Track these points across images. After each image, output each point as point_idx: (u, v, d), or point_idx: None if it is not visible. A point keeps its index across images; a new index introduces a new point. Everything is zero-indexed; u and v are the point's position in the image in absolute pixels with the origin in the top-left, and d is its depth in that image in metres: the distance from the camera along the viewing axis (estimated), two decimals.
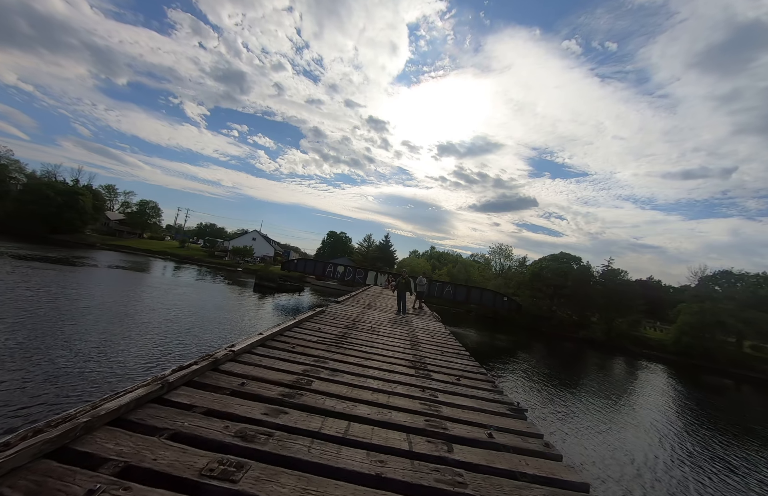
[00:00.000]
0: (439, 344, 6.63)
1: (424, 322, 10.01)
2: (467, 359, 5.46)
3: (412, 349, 5.64)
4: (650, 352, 38.16)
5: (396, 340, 6.20)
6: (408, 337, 6.76)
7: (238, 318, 16.87)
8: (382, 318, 9.17)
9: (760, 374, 34.12)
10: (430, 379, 3.76)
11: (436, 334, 7.99)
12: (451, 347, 6.43)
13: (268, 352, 3.67)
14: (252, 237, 78.96)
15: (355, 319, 7.89)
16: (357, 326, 6.85)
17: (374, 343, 5.50)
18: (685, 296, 46.08)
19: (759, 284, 39.29)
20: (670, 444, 10.41)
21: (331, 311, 8.43)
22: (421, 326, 9.02)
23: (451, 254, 77.67)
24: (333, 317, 7.38)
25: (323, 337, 5.13)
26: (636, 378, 23.52)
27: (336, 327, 6.30)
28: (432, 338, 7.20)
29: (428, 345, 6.26)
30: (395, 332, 7.14)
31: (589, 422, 10.90)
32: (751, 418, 17.25)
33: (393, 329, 7.52)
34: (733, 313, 34.94)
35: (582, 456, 8.13)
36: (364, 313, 9.46)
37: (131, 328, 11.43)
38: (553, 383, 15.71)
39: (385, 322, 8.45)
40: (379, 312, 10.48)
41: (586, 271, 45.60)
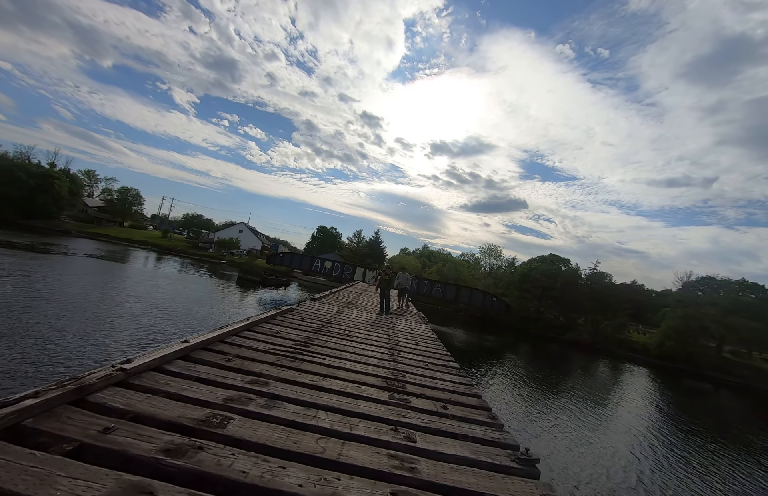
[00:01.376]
0: (424, 352, 5.74)
1: (408, 324, 9.13)
2: (457, 375, 4.59)
3: (390, 360, 4.73)
4: (634, 355, 38.51)
5: (372, 348, 5.28)
6: (387, 344, 5.84)
7: (209, 313, 15.69)
8: (361, 319, 8.24)
9: (740, 379, 34.75)
10: (408, 409, 2.85)
11: (422, 339, 7.12)
12: (437, 357, 5.55)
13: (188, 368, 2.70)
14: (239, 229, 76.89)
15: (328, 320, 6.93)
16: (328, 329, 5.90)
17: (343, 353, 4.57)
18: (669, 300, 46.79)
19: (740, 290, 40.02)
20: (646, 447, 10.41)
21: (302, 309, 7.45)
22: (404, 328, 8.14)
23: (442, 253, 77.28)
24: (301, 318, 6.40)
25: (278, 345, 4.16)
26: (619, 381, 23.53)
27: (301, 331, 5.34)
28: (416, 344, 6.31)
29: (410, 354, 5.36)
30: (373, 337, 6.22)
31: (576, 434, 10.26)
32: (731, 423, 17.55)
33: (371, 333, 6.59)
34: (716, 318, 35.45)
35: (567, 470, 7.46)
36: (341, 312, 8.52)
37: (71, 321, 10.17)
38: (539, 387, 15.19)
39: (364, 324, 7.53)
40: (359, 312, 9.54)
41: (575, 273, 45.72)
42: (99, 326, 10.24)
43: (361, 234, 64.68)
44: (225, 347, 3.49)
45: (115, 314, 12.06)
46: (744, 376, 35.10)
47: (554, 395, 14.53)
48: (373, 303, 12.18)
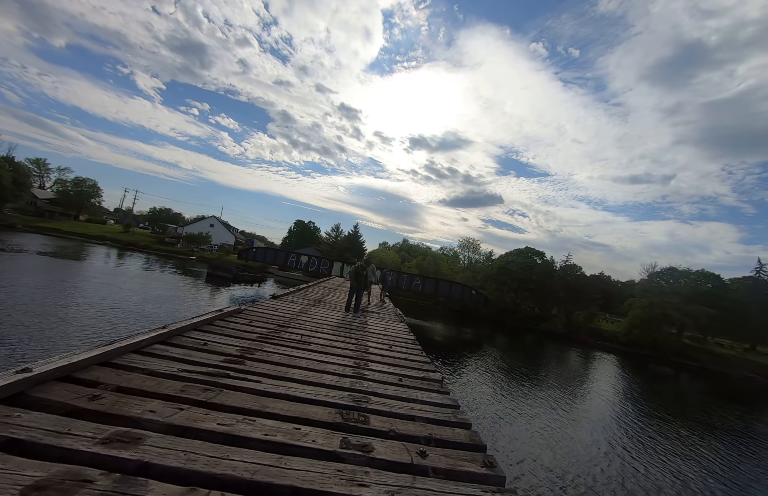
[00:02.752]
0: (398, 361, 4.85)
1: (383, 323, 8.24)
2: (438, 393, 3.72)
3: (353, 377, 3.79)
4: (604, 343, 40.12)
5: (332, 359, 4.32)
6: (354, 352, 4.90)
7: (165, 312, 14.07)
8: (327, 320, 7.25)
9: (697, 363, 37.07)
10: (368, 464, 1.92)
11: (397, 343, 6.24)
12: (414, 367, 4.69)
13: (10, 419, 1.63)
14: (209, 223, 73.06)
15: (284, 323, 5.89)
16: (279, 336, 4.87)
17: (291, 370, 3.58)
18: (635, 290, 49.17)
19: (699, 280, 42.57)
20: (613, 433, 10.69)
21: (254, 310, 6.35)
22: (377, 329, 7.22)
23: (421, 247, 77.26)
24: (249, 322, 5.32)
25: (196, 364, 3.10)
26: (590, 369, 24.26)
27: (241, 340, 4.28)
28: (389, 350, 5.40)
29: (381, 365, 4.46)
30: (337, 343, 5.25)
31: (550, 425, 9.98)
32: (689, 404, 18.85)
33: (335, 337, 5.62)
34: (677, 306, 37.47)
35: (536, 462, 6.95)
36: (304, 312, 7.48)
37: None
38: (514, 379, 14.99)
39: (329, 326, 6.54)
40: (326, 310, 8.54)
41: (550, 266, 46.89)
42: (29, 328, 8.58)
43: (339, 228, 63.20)
44: (103, 374, 2.40)
45: (36, 311, 10.31)
46: (701, 360, 37.49)
47: (529, 387, 14.42)
48: (345, 300, 11.21)
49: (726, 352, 39.91)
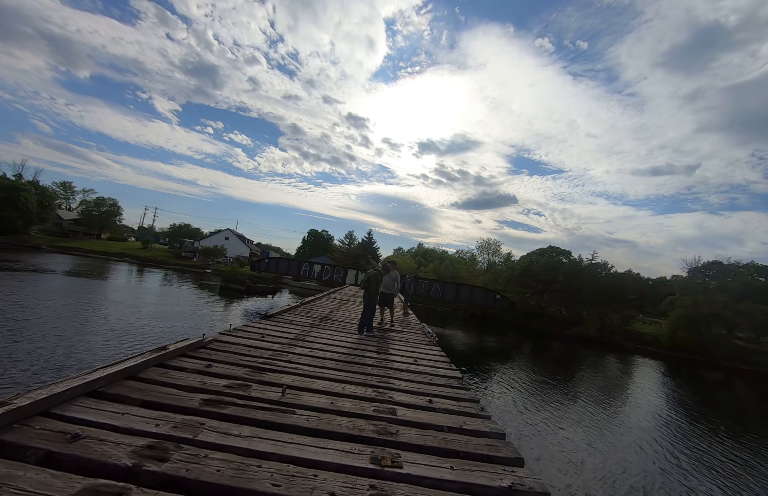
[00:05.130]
0: (443, 425, 3.30)
1: (407, 349, 6.68)
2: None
3: (370, 486, 2.21)
4: (645, 347, 36.64)
5: (330, 445, 2.79)
6: (370, 415, 3.32)
7: (159, 331, 13.02)
8: (331, 349, 5.75)
9: (753, 366, 33.13)
10: None
11: (434, 385, 4.68)
12: (472, 437, 3.12)
13: None
14: (225, 236, 73.86)
15: (264, 361, 4.39)
16: (245, 394, 3.31)
17: (248, 478, 2.07)
18: (673, 287, 45.21)
19: (750, 273, 38.51)
20: (657, 445, 9.67)
21: (229, 340, 4.92)
22: (401, 362, 5.66)
23: (437, 251, 75.08)
24: (207, 365, 3.85)
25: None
26: (633, 377, 21.77)
27: (170, 411, 2.81)
28: (427, 405, 3.82)
29: (417, 445, 2.90)
30: (341, 401, 3.65)
31: (592, 444, 8.20)
32: (747, 412, 16.50)
33: (340, 387, 4.08)
34: (728, 304, 33.77)
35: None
36: (301, 339, 6.03)
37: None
38: (551, 393, 13.02)
39: (332, 361, 5.03)
40: (333, 333, 7.05)
41: (578, 265, 43.86)
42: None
43: (352, 235, 62.19)
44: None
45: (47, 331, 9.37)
46: (757, 363, 33.50)
47: (569, 402, 12.66)
48: (359, 314, 9.72)
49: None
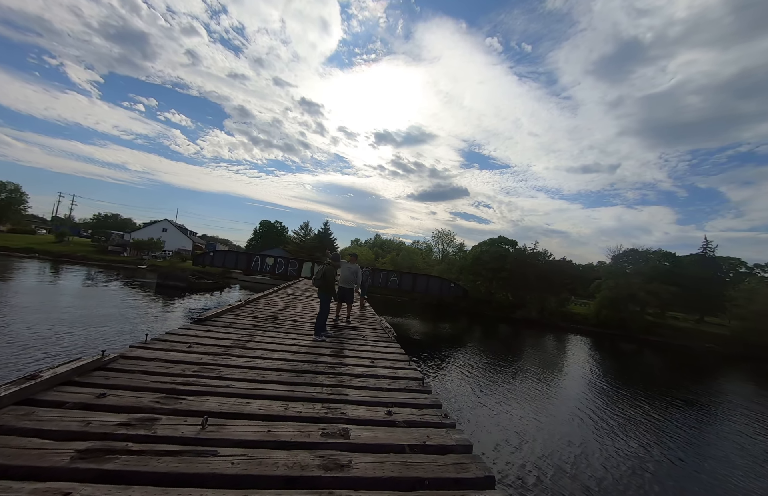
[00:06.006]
0: (417, 466, 2.85)
1: (365, 348, 6.20)
2: None
3: None
4: (576, 326, 41.07)
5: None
6: (315, 455, 2.78)
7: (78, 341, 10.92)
8: (277, 358, 5.08)
9: (661, 338, 39.03)
10: None
11: (399, 401, 4.25)
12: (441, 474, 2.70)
13: None
14: (162, 228, 66.41)
15: (185, 381, 3.60)
16: (149, 431, 2.58)
17: None
18: (599, 272, 51.25)
19: (658, 259, 44.92)
20: (584, 409, 11.20)
21: (140, 355, 3.95)
22: (358, 367, 5.18)
23: (394, 242, 75.82)
24: (100, 394, 2.95)
25: None
26: (564, 351, 24.72)
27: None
28: (388, 420, 3.39)
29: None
30: (283, 426, 3.09)
31: (530, 412, 9.42)
32: (654, 377, 19.97)
33: (283, 408, 3.48)
34: (641, 286, 39.13)
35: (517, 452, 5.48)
36: (241, 345, 5.24)
37: None
38: (495, 371, 14.06)
39: (277, 374, 4.39)
40: (281, 336, 6.32)
41: (522, 254, 47.30)
42: None
43: (308, 226, 59.84)
44: None
45: None
46: (663, 334, 39.53)
47: (508, 376, 13.94)
48: (313, 311, 9.00)
49: (682, 325, 42.51)
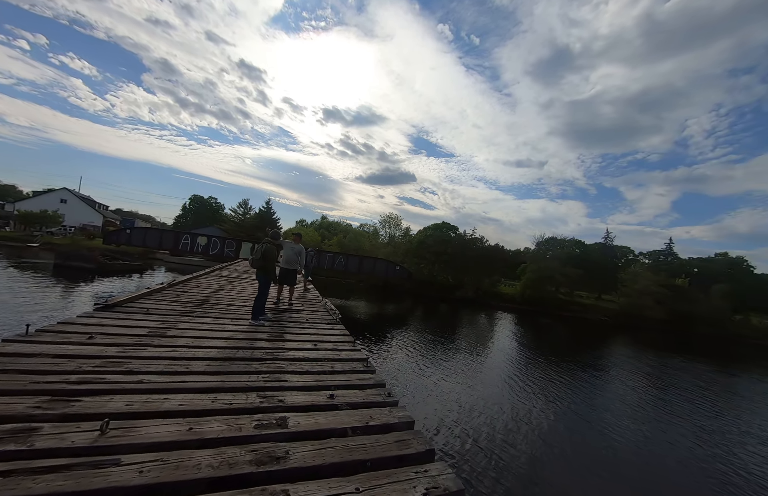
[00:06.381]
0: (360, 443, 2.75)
1: (308, 331, 5.95)
2: None
3: None
4: (505, 304, 45.93)
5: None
6: (248, 449, 2.53)
7: None
8: (207, 340, 4.61)
9: (571, 313, 45.78)
10: None
11: (342, 386, 4.11)
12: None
13: None
14: (60, 198, 55.55)
15: (81, 380, 3.03)
16: (27, 439, 2.09)
17: None
18: (525, 257, 57.60)
19: (570, 246, 52.03)
20: (507, 376, 12.72)
21: (35, 347, 3.19)
22: (299, 350, 4.94)
23: (342, 224, 74.74)
24: None
25: None
26: (494, 327, 27.63)
27: None
28: (334, 416, 3.25)
29: (319, 486, 2.27)
30: (204, 429, 2.79)
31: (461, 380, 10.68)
32: (563, 344, 23.14)
33: (211, 400, 3.15)
34: (558, 269, 45.09)
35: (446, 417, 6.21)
36: (160, 333, 4.64)
37: None
38: (432, 345, 15.49)
39: (204, 359, 3.97)
40: (210, 321, 5.75)
41: (462, 239, 50.60)
42: None
43: (248, 204, 55.43)
44: None
45: None
46: (571, 310, 46.46)
47: (445, 351, 15.04)
48: (251, 294, 8.37)
49: (585, 302, 50.38)
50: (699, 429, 9.67)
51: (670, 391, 13.69)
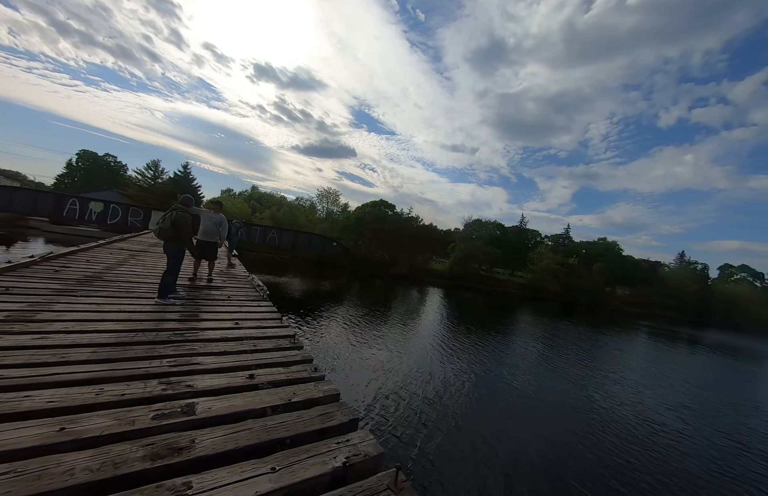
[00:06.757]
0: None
1: (229, 309, 5.47)
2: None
3: None
4: (436, 280, 49.58)
5: None
6: (141, 444, 2.20)
7: None
8: (95, 324, 3.91)
9: (489, 287, 51.76)
10: None
11: (265, 365, 3.85)
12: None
13: None
14: None
15: None
16: None
17: None
18: (455, 237, 62.52)
19: (492, 228, 58.02)
20: (435, 345, 13.58)
21: None
22: (217, 330, 4.52)
23: (275, 196, 69.99)
24: None
25: None
26: (425, 301, 29.47)
27: None
28: (253, 396, 3.02)
29: (228, 473, 2.08)
30: (83, 426, 2.37)
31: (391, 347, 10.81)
32: (482, 314, 25.80)
33: (91, 395, 2.68)
34: (481, 248, 50.07)
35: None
36: (27, 317, 3.77)
37: None
38: (367, 320, 15.73)
39: (89, 346, 3.38)
40: (100, 302, 4.90)
41: (400, 217, 52.13)
42: None
43: (159, 167, 47.64)
44: None
45: None
46: (490, 285, 52.58)
47: (378, 324, 15.59)
48: (160, 269, 7.30)
49: (501, 277, 57.42)
50: (575, 376, 12.04)
51: (557, 348, 16.67)
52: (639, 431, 8.26)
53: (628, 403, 10.12)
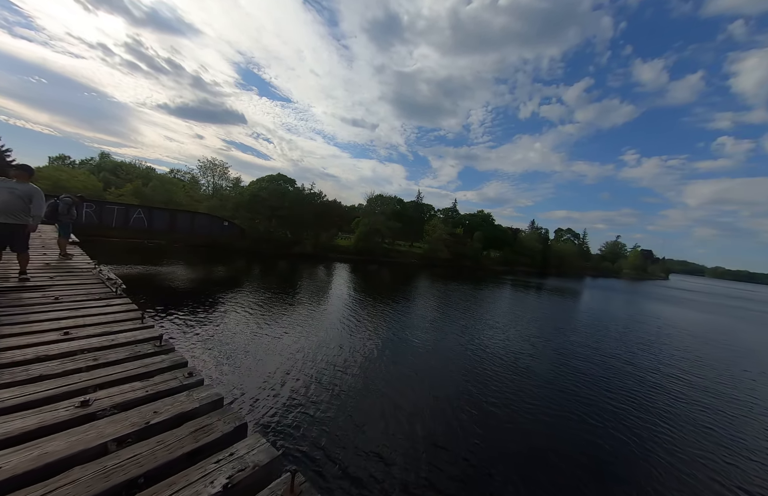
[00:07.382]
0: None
1: (57, 314, 4.00)
2: None
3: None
4: (341, 256, 49.82)
5: None
6: None
7: None
8: None
9: (393, 260, 55.24)
10: None
11: (111, 383, 2.84)
12: None
13: None
14: None
15: None
16: None
17: None
18: (359, 213, 63.68)
19: (393, 203, 61.36)
20: (342, 319, 13.61)
21: None
22: (31, 347, 3.20)
23: (139, 167, 56.42)
24: None
25: None
26: (331, 278, 29.52)
27: None
28: (86, 431, 2.13)
29: None
30: None
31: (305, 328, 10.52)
32: (386, 285, 27.53)
33: None
34: (383, 222, 52.49)
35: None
36: None
37: None
38: (271, 305, 14.75)
39: None
40: None
41: (301, 193, 49.43)
42: None
43: None
44: None
45: None
46: (393, 257, 56.20)
47: (286, 307, 14.78)
48: None
49: (402, 249, 62.09)
50: (461, 326, 14.13)
51: (449, 306, 19.16)
52: (507, 358, 10.40)
53: (499, 339, 12.58)
